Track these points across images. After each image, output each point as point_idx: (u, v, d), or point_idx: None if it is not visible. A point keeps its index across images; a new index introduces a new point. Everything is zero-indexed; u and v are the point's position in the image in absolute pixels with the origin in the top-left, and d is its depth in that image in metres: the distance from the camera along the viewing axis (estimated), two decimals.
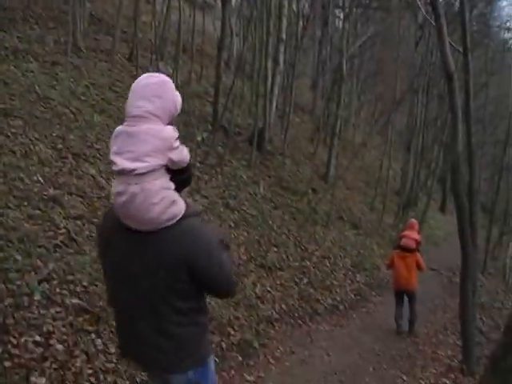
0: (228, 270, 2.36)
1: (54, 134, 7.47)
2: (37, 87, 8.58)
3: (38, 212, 5.43)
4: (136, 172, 2.09)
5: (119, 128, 2.21)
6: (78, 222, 5.75)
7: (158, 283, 2.22)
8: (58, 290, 4.46)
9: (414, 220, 9.90)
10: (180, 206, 2.23)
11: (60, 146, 7.27)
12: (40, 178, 6.11)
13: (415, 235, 8.87)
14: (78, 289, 4.64)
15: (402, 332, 8.59)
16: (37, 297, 4.18)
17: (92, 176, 7.05)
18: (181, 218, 2.22)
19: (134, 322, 2.33)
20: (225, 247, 2.43)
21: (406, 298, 8.77)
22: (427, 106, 22.99)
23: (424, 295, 11.30)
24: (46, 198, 5.75)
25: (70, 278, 4.69)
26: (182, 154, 2.26)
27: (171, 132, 2.21)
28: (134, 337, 2.37)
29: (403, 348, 7.91)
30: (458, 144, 6.75)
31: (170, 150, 2.18)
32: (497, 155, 24.45)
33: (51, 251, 4.92)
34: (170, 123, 2.26)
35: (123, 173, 2.11)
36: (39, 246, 4.86)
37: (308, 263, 10.05)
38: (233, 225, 9.27)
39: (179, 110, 2.34)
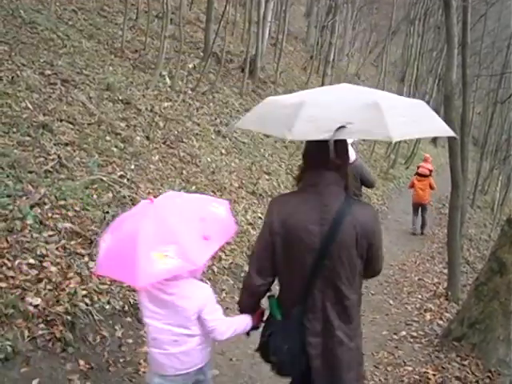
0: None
1: (41, 60, 7.30)
2: (21, 11, 8.30)
3: (27, 138, 5.37)
4: (356, 159, 5.32)
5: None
6: (69, 149, 5.70)
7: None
8: (50, 214, 4.47)
9: (427, 155, 13.48)
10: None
11: (48, 72, 7.11)
12: (29, 105, 5.99)
13: (429, 166, 12.19)
14: (70, 213, 4.65)
15: (415, 233, 11.97)
16: (29, 221, 4.19)
17: (82, 102, 6.93)
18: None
19: None
20: None
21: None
22: (423, 36, 22.54)
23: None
24: (35, 124, 5.68)
25: (61, 203, 4.68)
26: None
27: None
28: None
29: (390, 275, 8.11)
30: (453, 73, 6.67)
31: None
32: (491, 89, 24.16)
33: (42, 177, 4.89)
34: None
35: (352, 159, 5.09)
36: (30, 172, 4.82)
37: None
38: (224, 152, 9.24)
39: None
